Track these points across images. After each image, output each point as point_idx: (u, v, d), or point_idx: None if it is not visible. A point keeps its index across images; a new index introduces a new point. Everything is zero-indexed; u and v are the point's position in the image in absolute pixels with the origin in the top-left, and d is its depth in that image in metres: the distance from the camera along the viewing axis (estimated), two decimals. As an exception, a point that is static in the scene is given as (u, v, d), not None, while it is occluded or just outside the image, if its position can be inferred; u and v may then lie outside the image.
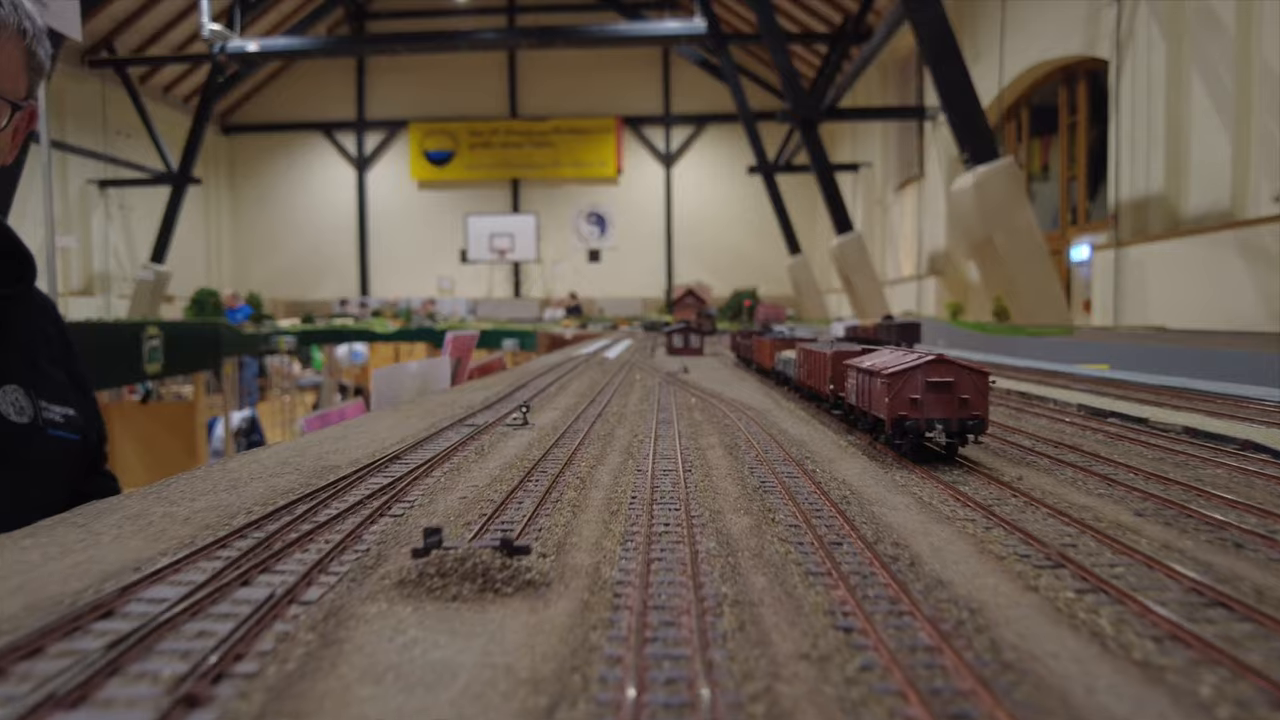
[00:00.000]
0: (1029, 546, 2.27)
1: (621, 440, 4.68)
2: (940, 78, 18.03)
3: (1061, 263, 23.87)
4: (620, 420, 5.77)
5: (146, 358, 12.83)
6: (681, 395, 7.48)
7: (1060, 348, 12.06)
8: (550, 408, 6.82)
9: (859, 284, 31.23)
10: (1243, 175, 15.95)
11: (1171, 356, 9.14)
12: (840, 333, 16.96)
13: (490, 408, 6.67)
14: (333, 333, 29.39)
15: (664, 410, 6.19)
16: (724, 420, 5.61)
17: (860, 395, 4.22)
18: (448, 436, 4.85)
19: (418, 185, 52.94)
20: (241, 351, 20.70)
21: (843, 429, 5.13)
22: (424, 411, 6.45)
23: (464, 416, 5.97)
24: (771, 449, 4.26)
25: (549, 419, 5.93)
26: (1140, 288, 18.63)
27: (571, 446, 4.38)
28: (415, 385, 8.69)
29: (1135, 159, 19.26)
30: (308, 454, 4.06)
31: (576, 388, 8.67)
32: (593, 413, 6.23)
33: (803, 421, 5.58)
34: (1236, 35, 15.97)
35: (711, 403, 6.79)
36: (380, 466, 3.68)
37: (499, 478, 3.47)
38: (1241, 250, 15.23)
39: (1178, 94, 17.79)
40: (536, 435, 5.01)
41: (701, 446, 4.33)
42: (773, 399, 7.22)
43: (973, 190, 17.72)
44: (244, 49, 34.93)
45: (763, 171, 39.78)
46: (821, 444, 4.45)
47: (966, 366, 3.61)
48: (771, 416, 5.89)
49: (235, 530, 2.44)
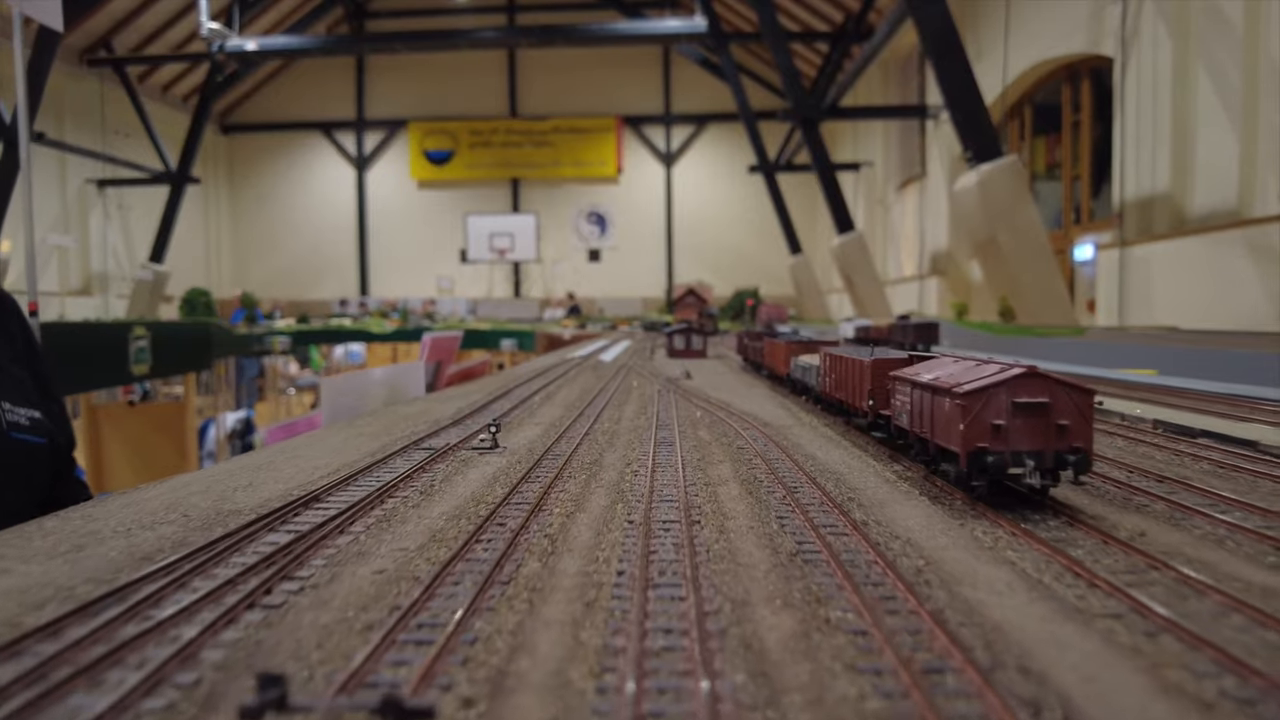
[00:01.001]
0: (1240, 679, 1.44)
1: (611, 471, 3.92)
2: (943, 75, 17.85)
3: (1065, 262, 23.67)
4: (611, 441, 4.91)
5: (133, 359, 12.59)
6: (684, 406, 6.67)
7: (1085, 350, 11.50)
8: (531, 422, 6.03)
9: (860, 284, 31.05)
10: (1250, 173, 15.76)
11: (1224, 361, 8.28)
12: (850, 333, 16.56)
13: (460, 423, 5.94)
14: (329, 333, 29.17)
15: (664, 427, 5.41)
16: (736, 441, 4.83)
17: (917, 417, 3.41)
18: (394, 465, 4.11)
19: (417, 185, 52.77)
20: (234, 352, 20.49)
21: (885, 454, 4.29)
22: (382, 428, 5.66)
23: (427, 434, 5.21)
24: (801, 485, 3.51)
25: (526, 438, 5.13)
26: (1145, 287, 18.44)
27: (546, 481, 3.67)
28: (382, 394, 7.68)
29: (1140, 157, 19.07)
30: (213, 490, 3.47)
31: (566, 397, 7.80)
32: (579, 430, 5.38)
33: (832, 443, 4.80)
34: (1244, 32, 15.78)
35: (719, 416, 6.02)
36: (291, 513, 3.03)
37: (439, 535, 2.76)
38: (1249, 249, 15.04)
39: (1184, 91, 17.60)
40: (506, 463, 4.21)
41: (711, 481, 3.61)
42: (789, 411, 6.37)
43: (976, 189, 17.54)
44: (243, 48, 34.75)
45: (763, 171, 39.61)
46: (863, 477, 3.71)
47: (1065, 383, 2.82)
48: (793, 435, 5.06)
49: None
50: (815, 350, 7.14)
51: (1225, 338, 11.07)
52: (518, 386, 8.76)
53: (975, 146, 17.60)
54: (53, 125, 35.81)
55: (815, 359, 6.45)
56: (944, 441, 3.03)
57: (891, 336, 15.42)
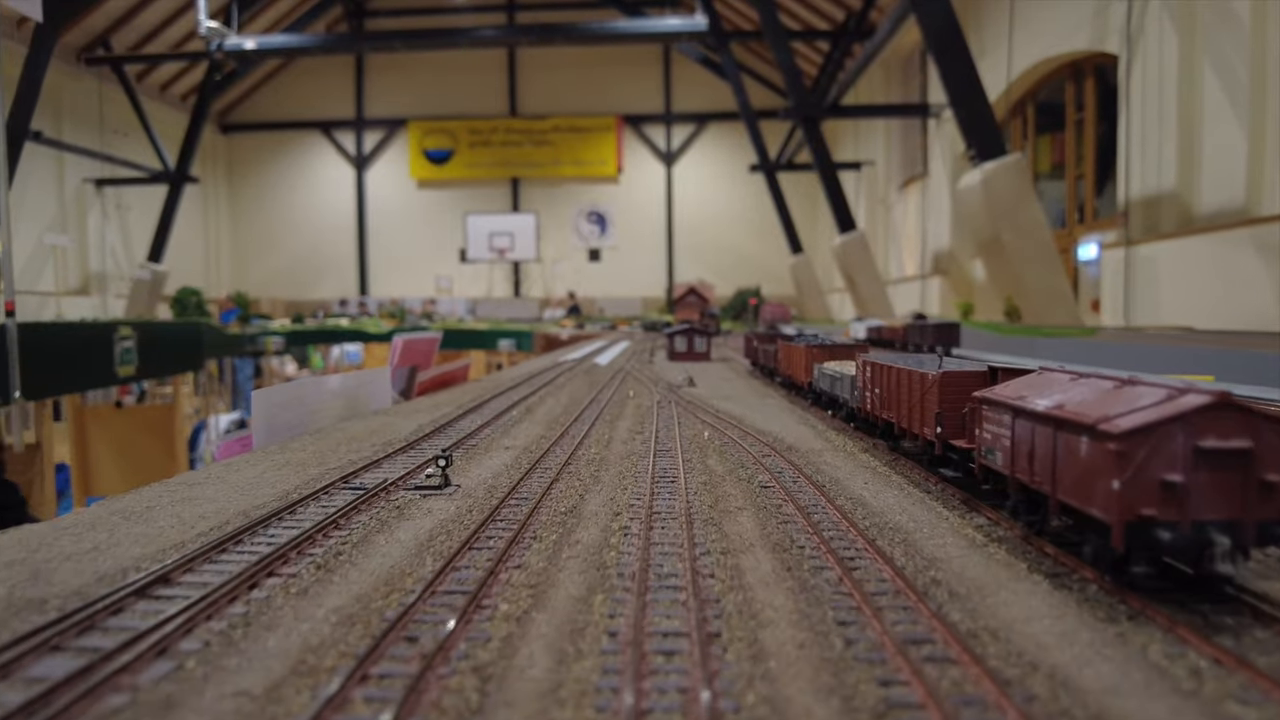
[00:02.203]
0: None
1: (592, 526, 3.00)
2: (947, 72, 17.65)
3: (1068, 261, 23.46)
4: (597, 476, 4.04)
5: (119, 360, 12.31)
6: (689, 421, 5.82)
7: (1101, 352, 10.90)
8: (503, 445, 5.15)
9: (862, 283, 30.84)
10: (1258, 171, 15.55)
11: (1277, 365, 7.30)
12: (861, 333, 15.97)
13: (417, 445, 5.13)
14: (324, 333, 28.91)
15: (664, 452, 4.55)
16: (756, 475, 3.96)
17: (1024, 459, 2.35)
18: (301, 517, 3.28)
19: (417, 184, 52.58)
20: (226, 353, 20.20)
21: (953, 497, 3.34)
22: (317, 453, 4.85)
23: (368, 463, 4.40)
24: (858, 553, 2.56)
25: (489, 470, 4.22)
26: (1151, 287, 18.23)
27: (498, 549, 2.68)
28: (338, 407, 6.57)
29: (1146, 155, 18.86)
30: (32, 560, 2.64)
31: (550, 410, 6.92)
32: (558, 456, 4.53)
33: (880, 479, 3.83)
34: (1251, 28, 15.57)
35: (731, 437, 5.21)
36: (111, 610, 2.13)
37: (305, 664, 1.81)
38: (1258, 248, 14.83)
39: (1190, 88, 17.39)
40: (452, 512, 3.31)
41: (731, 545, 2.71)
42: (815, 431, 5.54)
43: (980, 187, 17.34)
44: (241, 46, 34.56)
45: (764, 170, 39.42)
46: (939, 537, 2.74)
47: (1270, 417, 1.89)
48: (826, 467, 4.19)
49: None
50: (845, 356, 6.33)
51: (1244, 338, 10.72)
52: (498, 395, 7.94)
53: (979, 144, 17.40)
54: (50, 124, 35.62)
55: (847, 368, 5.58)
56: (1079, 502, 2.02)
57: (907, 337, 14.91)
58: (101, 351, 12.22)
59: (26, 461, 12.04)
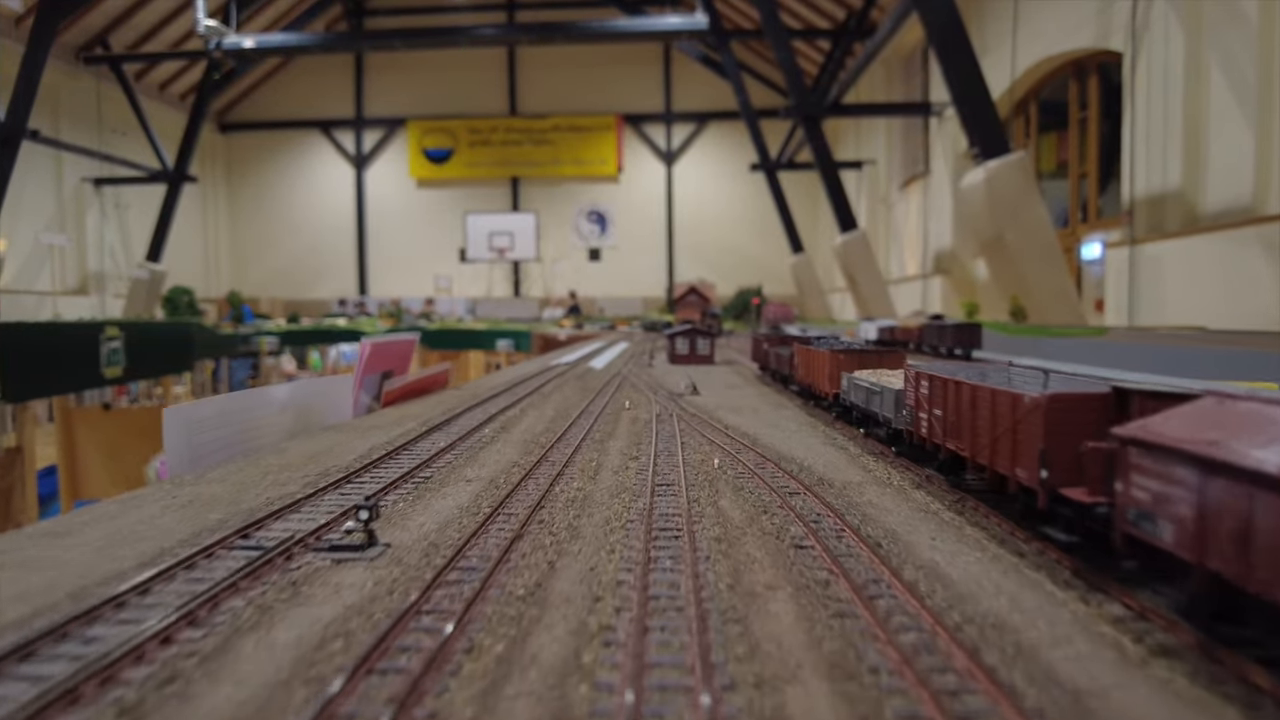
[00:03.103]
0: None
1: (560, 627, 2.20)
2: (950, 68, 17.48)
3: (1071, 261, 23.29)
4: (577, 525, 3.25)
5: (105, 361, 12.08)
6: (694, 442, 5.04)
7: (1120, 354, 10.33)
8: (463, 478, 4.27)
9: (864, 283, 30.67)
10: (1266, 169, 15.39)
11: None
12: (872, 334, 15.31)
13: (356, 477, 4.19)
14: (320, 333, 28.66)
15: (664, 488, 3.80)
16: (786, 525, 3.15)
17: (1249, 550, 1.72)
18: (139, 611, 2.38)
19: (416, 183, 52.43)
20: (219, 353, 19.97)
21: (1062, 564, 2.59)
22: (233, 488, 3.96)
23: (289, 503, 3.51)
24: (966, 683, 1.86)
25: (438, 517, 3.43)
26: (1156, 286, 18.07)
27: (413, 672, 1.92)
28: (287, 420, 5.61)
29: (1151, 154, 18.69)
30: None
31: (531, 426, 6.03)
32: (530, 495, 3.75)
33: (953, 533, 3.03)
34: (1259, 24, 15.40)
35: (746, 464, 4.37)
36: None
37: None
38: (1265, 247, 14.67)
39: (1196, 86, 17.23)
40: (365, 593, 2.49)
41: (767, 665, 1.94)
42: (849, 455, 4.67)
43: (983, 186, 17.17)
44: (240, 45, 34.39)
45: (765, 169, 39.26)
46: (1073, 646, 2.02)
47: None
48: (873, 509, 3.39)
49: None
50: (879, 364, 5.40)
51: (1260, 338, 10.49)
52: (475, 406, 7.05)
53: (982, 142, 17.24)
54: (48, 123, 35.47)
55: (887, 379, 4.67)
56: None
57: (923, 339, 14.14)
58: (87, 352, 11.95)
59: (6, 466, 11.74)
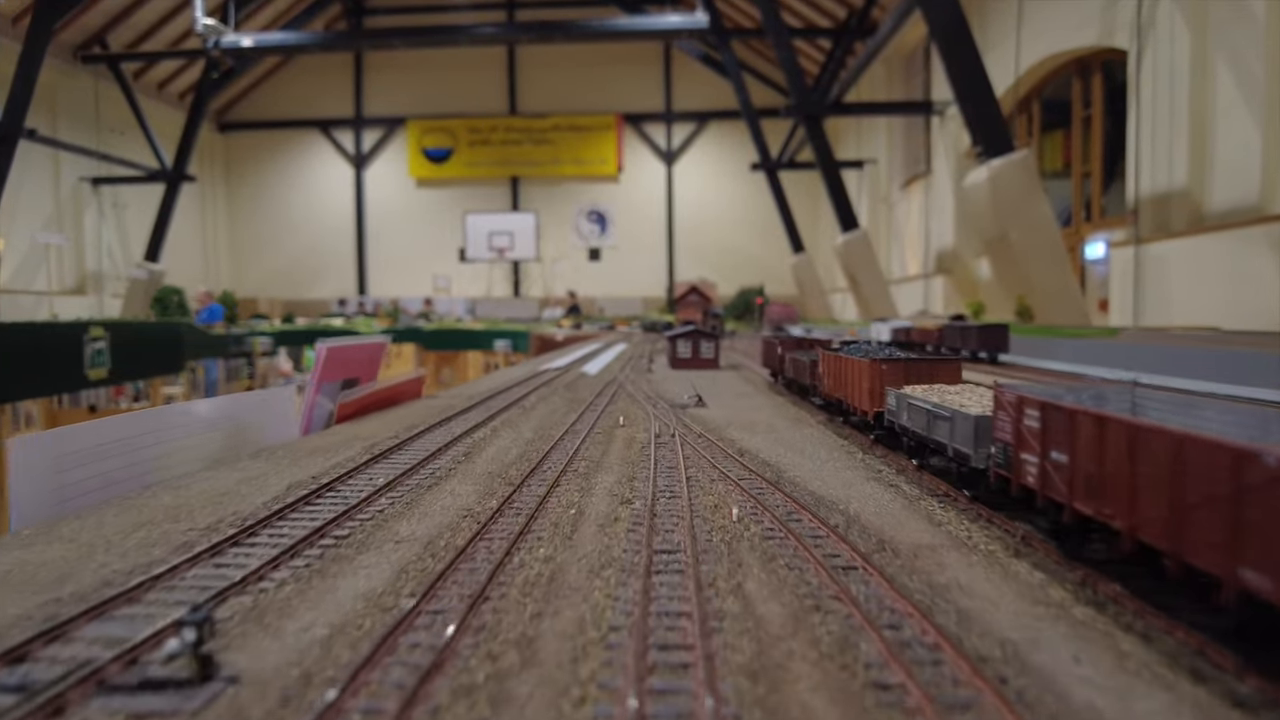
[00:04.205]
0: None
1: None
2: (953, 66, 17.33)
3: (1075, 260, 23.16)
4: (533, 638, 2.25)
5: (89, 362, 11.79)
6: (704, 478, 4.14)
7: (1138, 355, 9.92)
8: (389, 538, 3.21)
9: (865, 283, 30.53)
10: (1273, 168, 15.24)
11: None
12: (885, 335, 14.77)
13: (248, 538, 3.10)
14: (315, 333, 28.41)
15: (666, 557, 2.93)
16: (851, 637, 2.19)
17: None
18: None
19: (416, 183, 52.27)
20: (208, 354, 19.68)
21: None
22: (72, 554, 3.12)
23: (139, 583, 2.67)
24: None
25: (336, 611, 2.41)
26: (1161, 286, 17.92)
27: None
28: (215, 441, 4.76)
29: (1156, 152, 18.55)
30: None
31: (500, 452, 5.11)
32: (478, 573, 2.71)
33: (1104, 645, 2.17)
34: (1267, 22, 15.25)
35: (776, 514, 3.49)
36: None
37: None
38: (1272, 247, 14.52)
39: (1202, 84, 17.08)
40: None
41: None
42: (900, 494, 3.77)
43: (987, 184, 17.02)
44: (239, 44, 34.24)
45: (765, 168, 39.11)
46: None
47: None
48: (967, 599, 2.43)
49: None
50: (933, 378, 4.21)
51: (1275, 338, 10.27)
52: (440, 424, 6.06)
53: (986, 141, 17.09)
54: (46, 122, 35.31)
55: (955, 400, 3.51)
56: None
57: (944, 341, 13.38)
58: (70, 353, 11.60)
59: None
